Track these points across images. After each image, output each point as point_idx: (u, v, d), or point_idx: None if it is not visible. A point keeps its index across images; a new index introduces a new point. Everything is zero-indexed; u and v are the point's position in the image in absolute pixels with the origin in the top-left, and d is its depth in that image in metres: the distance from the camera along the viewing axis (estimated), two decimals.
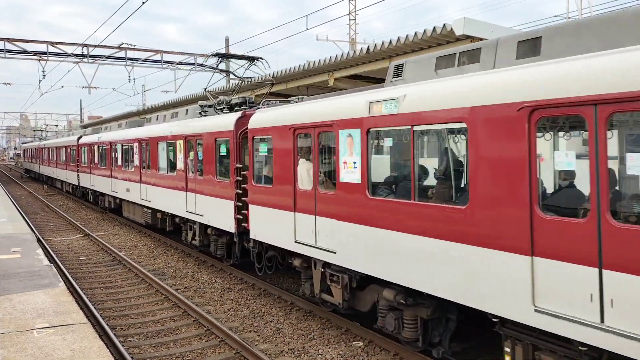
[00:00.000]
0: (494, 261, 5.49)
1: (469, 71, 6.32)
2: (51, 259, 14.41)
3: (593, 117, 4.65)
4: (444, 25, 10.79)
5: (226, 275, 12.96)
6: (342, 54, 14.60)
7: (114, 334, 8.70)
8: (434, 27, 11.06)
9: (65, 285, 9.97)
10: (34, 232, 17.88)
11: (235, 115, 11.69)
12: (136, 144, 18.20)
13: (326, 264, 8.51)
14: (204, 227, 13.54)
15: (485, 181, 5.54)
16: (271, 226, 9.84)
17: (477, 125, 5.63)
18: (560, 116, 5.15)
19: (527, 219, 5.16)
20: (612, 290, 4.52)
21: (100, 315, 9.71)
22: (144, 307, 10.74)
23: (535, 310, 5.10)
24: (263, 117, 10.24)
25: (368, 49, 13.35)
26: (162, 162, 15.91)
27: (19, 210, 23.28)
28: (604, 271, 4.57)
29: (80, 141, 28.18)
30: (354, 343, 8.43)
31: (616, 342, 4.46)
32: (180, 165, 14.41)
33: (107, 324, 9.25)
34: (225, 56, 16.49)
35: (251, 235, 10.64)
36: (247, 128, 10.86)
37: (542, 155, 5.49)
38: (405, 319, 7.26)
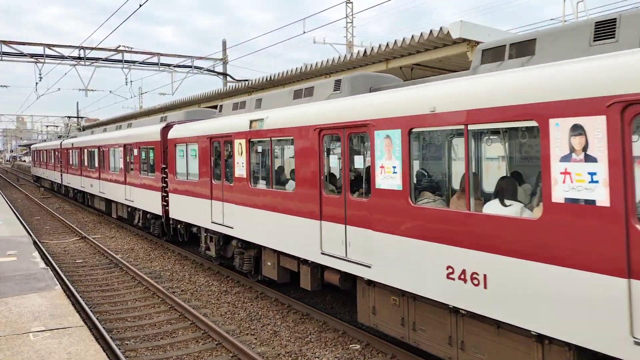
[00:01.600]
0: None
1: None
2: (47, 262, 14.37)
3: None
4: (441, 28, 10.82)
5: (223, 278, 12.94)
6: (339, 57, 14.62)
7: (111, 337, 8.67)
8: (431, 30, 11.08)
9: (62, 288, 9.94)
10: (30, 235, 17.83)
11: None
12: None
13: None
14: None
15: None
16: None
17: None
18: None
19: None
20: None
21: (97, 318, 9.68)
22: (141, 310, 10.71)
23: None
24: None
25: (365, 51, 13.38)
26: None
27: (15, 213, 23.21)
28: None
29: (175, 134, 14.58)
30: (351, 346, 8.42)
31: None
32: None
33: (104, 327, 9.23)
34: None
35: None
36: None
37: None
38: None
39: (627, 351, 4.40)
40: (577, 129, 4.73)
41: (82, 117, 41.79)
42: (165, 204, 15.22)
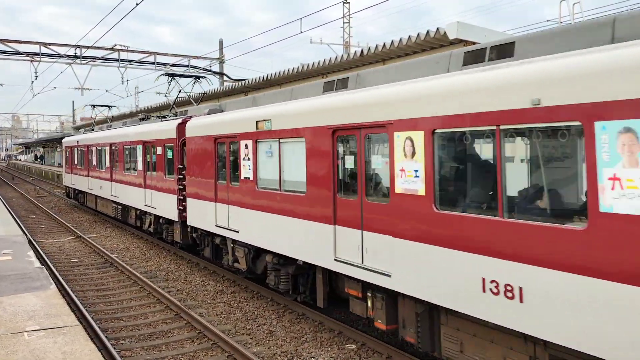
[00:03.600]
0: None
1: None
2: (42, 261, 14.31)
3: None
4: (437, 29, 10.84)
5: (219, 278, 12.92)
6: (336, 57, 14.63)
7: (106, 337, 8.65)
8: (428, 31, 11.11)
9: (57, 287, 9.91)
10: (25, 234, 17.76)
11: None
12: None
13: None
14: None
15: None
16: None
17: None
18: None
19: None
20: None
21: (92, 318, 9.65)
22: (136, 309, 10.69)
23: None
24: None
25: (362, 52, 13.39)
26: None
27: (10, 212, 23.13)
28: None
29: None
30: (346, 346, 8.43)
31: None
32: None
33: (99, 327, 9.20)
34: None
35: None
36: None
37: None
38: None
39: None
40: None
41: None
42: None
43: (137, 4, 16.05)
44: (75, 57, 28.14)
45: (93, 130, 26.12)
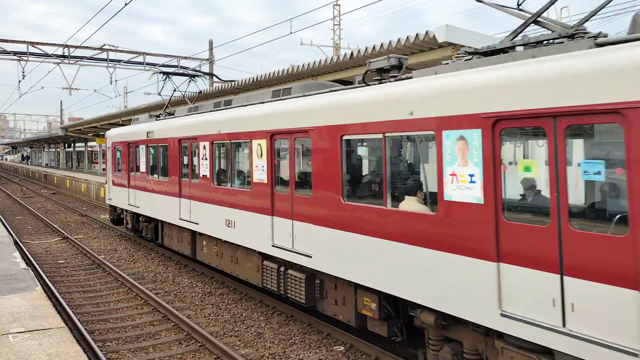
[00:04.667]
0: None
1: None
2: (28, 262, 14.16)
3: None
4: (427, 32, 10.89)
5: (207, 280, 12.87)
6: (325, 59, 14.64)
7: (92, 339, 8.58)
8: (417, 34, 11.15)
9: (43, 289, 9.81)
10: (11, 235, 17.56)
11: None
12: None
13: None
14: None
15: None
16: None
17: None
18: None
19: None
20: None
21: (78, 320, 9.56)
22: (123, 311, 10.61)
23: None
24: None
25: (352, 54, 13.41)
26: None
27: None
28: None
29: None
30: (334, 347, 8.43)
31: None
32: None
33: (85, 329, 9.12)
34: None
35: None
36: None
37: None
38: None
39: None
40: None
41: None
42: None
43: (126, 4, 15.96)
44: (64, 56, 27.91)
45: (172, 114, 14.95)
